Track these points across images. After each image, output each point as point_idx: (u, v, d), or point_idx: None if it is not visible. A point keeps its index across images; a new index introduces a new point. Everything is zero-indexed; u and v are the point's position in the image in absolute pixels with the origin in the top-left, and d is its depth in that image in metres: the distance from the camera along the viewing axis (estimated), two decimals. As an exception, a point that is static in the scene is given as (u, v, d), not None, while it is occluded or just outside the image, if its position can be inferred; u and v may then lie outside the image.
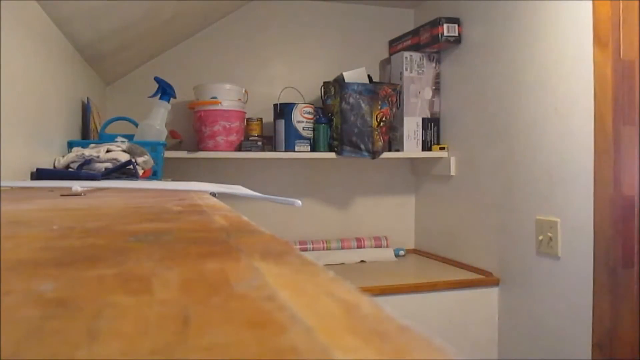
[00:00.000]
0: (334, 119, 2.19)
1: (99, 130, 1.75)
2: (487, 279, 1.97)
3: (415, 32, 2.32)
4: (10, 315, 0.15)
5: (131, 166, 1.17)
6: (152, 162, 1.29)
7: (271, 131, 2.24)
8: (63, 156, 1.23)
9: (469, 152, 2.15)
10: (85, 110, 1.66)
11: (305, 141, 2.18)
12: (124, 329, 0.14)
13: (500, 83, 1.95)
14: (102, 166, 1.16)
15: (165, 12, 1.73)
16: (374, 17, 2.52)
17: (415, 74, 2.31)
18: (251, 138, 2.14)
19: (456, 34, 2.17)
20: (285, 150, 2.16)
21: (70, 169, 1.18)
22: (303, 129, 2.16)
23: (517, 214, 1.85)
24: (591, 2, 1.54)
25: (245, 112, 2.14)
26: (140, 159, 1.24)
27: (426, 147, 2.32)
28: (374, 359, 0.12)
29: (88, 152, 1.19)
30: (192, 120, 2.15)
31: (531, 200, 1.79)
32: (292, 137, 2.16)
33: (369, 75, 2.28)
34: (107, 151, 1.19)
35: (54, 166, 1.21)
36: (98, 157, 1.17)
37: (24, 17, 1.08)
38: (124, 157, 1.20)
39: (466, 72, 2.16)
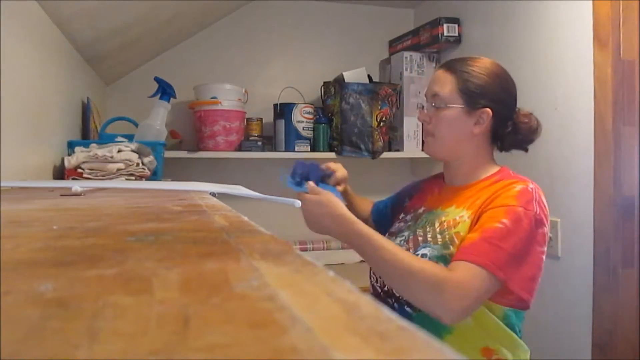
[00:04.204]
0: (334, 119, 2.19)
1: (99, 130, 1.75)
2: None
3: (415, 32, 2.32)
4: (10, 315, 0.15)
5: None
6: (155, 162, 1.29)
7: (271, 131, 2.24)
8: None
9: (469, 152, 2.15)
10: (85, 110, 1.66)
11: (305, 141, 2.18)
12: (124, 329, 0.14)
13: (500, 83, 1.95)
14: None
15: (165, 12, 1.73)
16: (374, 17, 2.52)
17: (415, 74, 2.31)
18: (251, 138, 2.14)
19: (456, 34, 2.17)
20: (285, 150, 2.16)
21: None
22: (303, 129, 2.16)
23: (517, 214, 1.85)
24: (591, 2, 1.54)
25: (245, 112, 2.14)
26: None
27: (426, 147, 2.32)
28: (374, 359, 0.12)
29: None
30: (192, 120, 2.15)
31: (531, 200, 1.79)
32: (292, 137, 2.16)
33: (369, 75, 2.28)
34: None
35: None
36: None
37: (24, 17, 1.08)
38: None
39: (466, 72, 2.16)
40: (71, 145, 1.33)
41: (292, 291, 0.18)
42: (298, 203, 0.65)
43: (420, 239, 1.05)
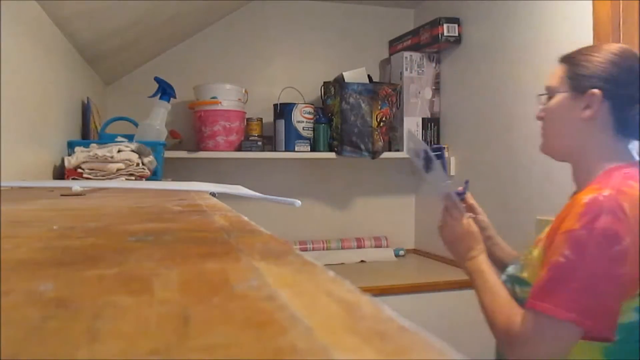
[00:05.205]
0: (334, 119, 2.19)
1: (99, 130, 1.75)
2: (487, 279, 1.97)
3: (415, 32, 2.32)
4: (10, 315, 0.15)
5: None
6: (155, 162, 1.29)
7: (271, 131, 2.24)
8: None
9: (469, 152, 2.15)
10: (85, 110, 1.66)
11: (305, 141, 2.18)
12: (124, 329, 0.14)
13: (500, 83, 1.95)
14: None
15: (165, 12, 1.73)
16: (374, 17, 2.52)
17: (415, 74, 2.31)
18: (251, 138, 2.14)
19: (456, 34, 2.17)
20: (285, 150, 2.16)
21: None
22: (303, 129, 2.16)
23: (517, 214, 1.85)
24: (591, 2, 1.54)
25: (245, 112, 2.14)
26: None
27: (426, 147, 2.32)
28: (373, 359, 0.12)
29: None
30: (192, 120, 2.15)
31: (531, 200, 1.79)
32: (292, 137, 2.16)
33: (369, 75, 2.28)
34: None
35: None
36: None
37: (24, 17, 1.08)
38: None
39: (466, 72, 2.16)
40: (71, 145, 1.33)
41: (292, 291, 0.18)
42: (298, 203, 0.64)
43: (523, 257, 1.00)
